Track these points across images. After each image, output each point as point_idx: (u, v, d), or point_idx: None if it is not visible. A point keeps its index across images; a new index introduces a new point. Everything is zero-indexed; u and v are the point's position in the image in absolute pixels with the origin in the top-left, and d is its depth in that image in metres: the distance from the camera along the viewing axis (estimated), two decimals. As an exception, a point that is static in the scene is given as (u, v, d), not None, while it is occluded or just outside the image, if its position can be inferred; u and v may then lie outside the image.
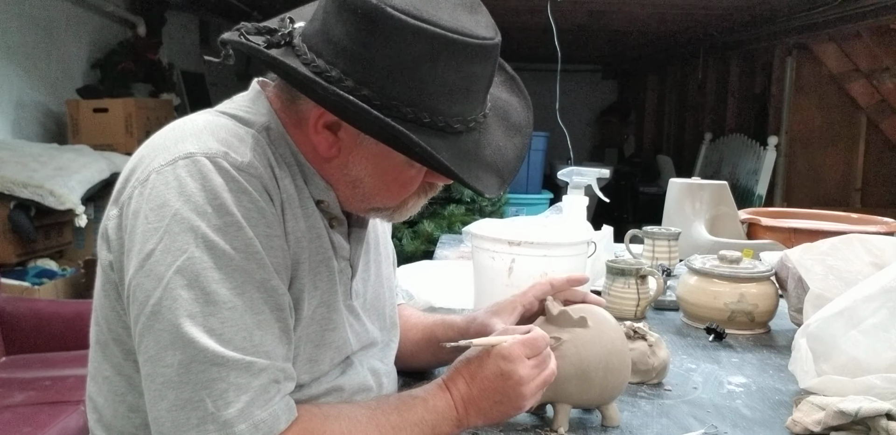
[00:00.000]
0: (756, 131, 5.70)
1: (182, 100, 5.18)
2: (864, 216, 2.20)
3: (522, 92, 0.94)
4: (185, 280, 0.75)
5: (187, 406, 0.74)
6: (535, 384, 0.90)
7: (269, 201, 0.81)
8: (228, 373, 0.74)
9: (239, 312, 0.76)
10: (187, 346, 0.74)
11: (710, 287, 1.48)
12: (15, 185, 2.92)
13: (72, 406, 2.03)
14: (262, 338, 0.77)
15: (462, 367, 0.92)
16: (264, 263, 0.78)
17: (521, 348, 0.89)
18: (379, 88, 0.76)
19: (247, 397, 0.74)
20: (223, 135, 0.81)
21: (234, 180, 0.78)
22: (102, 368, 0.89)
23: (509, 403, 0.90)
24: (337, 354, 0.91)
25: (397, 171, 0.86)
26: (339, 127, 0.83)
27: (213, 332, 0.74)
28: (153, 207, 0.77)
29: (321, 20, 0.79)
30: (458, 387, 0.90)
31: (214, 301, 0.75)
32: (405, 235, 3.67)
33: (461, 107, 0.80)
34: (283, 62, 0.77)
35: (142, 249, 0.77)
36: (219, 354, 0.74)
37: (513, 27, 5.36)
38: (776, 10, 4.53)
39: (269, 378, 0.77)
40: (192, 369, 0.74)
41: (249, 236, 0.77)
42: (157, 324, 0.75)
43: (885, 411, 0.92)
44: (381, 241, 1.08)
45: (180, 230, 0.75)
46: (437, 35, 0.75)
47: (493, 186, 0.83)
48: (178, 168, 0.77)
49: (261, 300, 0.78)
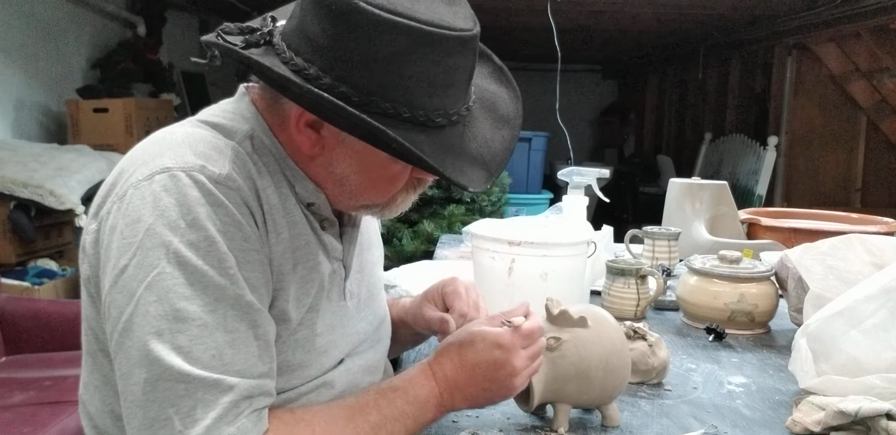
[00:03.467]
0: (756, 131, 5.70)
1: (182, 100, 5.18)
2: (864, 216, 2.20)
3: (511, 83, 0.93)
4: (154, 296, 0.74)
5: (154, 425, 0.73)
6: (526, 374, 0.91)
7: (247, 214, 0.80)
8: (196, 390, 0.73)
9: (209, 330, 0.74)
10: (153, 363, 0.73)
11: (710, 287, 1.48)
12: (15, 185, 2.92)
13: (72, 406, 2.03)
14: (233, 356, 0.75)
15: (452, 351, 0.91)
16: (238, 278, 0.77)
17: (519, 339, 0.89)
18: (357, 85, 0.76)
19: (214, 414, 0.73)
20: (201, 148, 0.81)
21: (211, 194, 0.77)
22: (93, 377, 0.89)
23: (497, 391, 0.90)
24: (327, 360, 0.91)
25: (382, 167, 0.85)
26: (321, 125, 0.83)
27: (181, 349, 0.73)
28: (128, 223, 0.76)
29: (298, 17, 0.79)
30: (444, 371, 0.89)
31: (183, 318, 0.74)
32: (405, 234, 3.66)
33: (442, 100, 0.79)
34: (258, 61, 0.76)
35: (116, 265, 0.76)
36: (185, 373, 0.72)
37: (513, 27, 5.35)
38: (776, 10, 4.54)
39: (239, 395, 0.75)
40: (158, 387, 0.73)
41: (223, 251, 0.76)
42: (128, 341, 0.74)
43: (885, 411, 0.92)
44: (374, 241, 1.08)
45: (152, 245, 0.75)
46: (412, 29, 0.74)
47: (479, 180, 0.82)
48: (154, 183, 0.77)
49: (235, 317, 0.76)
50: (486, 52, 0.92)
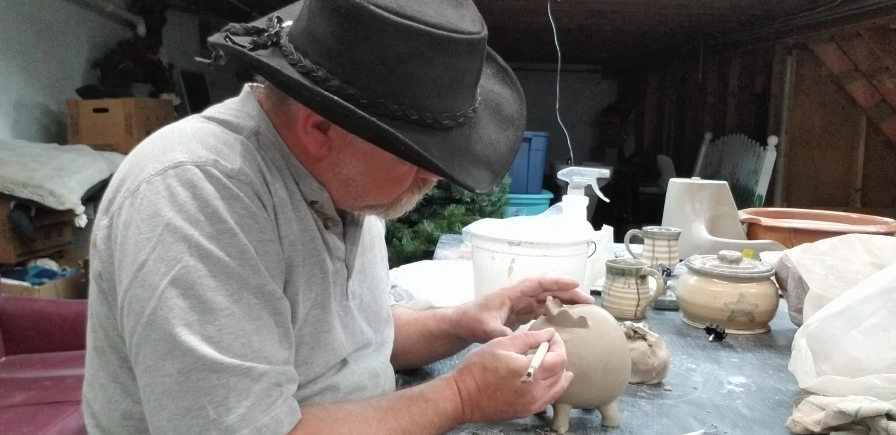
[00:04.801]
0: (756, 131, 5.70)
1: (182, 100, 5.18)
2: (864, 216, 2.20)
3: (515, 84, 0.94)
4: (180, 289, 0.74)
5: (188, 414, 0.73)
6: (544, 401, 0.93)
7: (261, 207, 0.80)
8: (228, 379, 0.74)
9: (236, 319, 0.75)
10: (185, 354, 0.73)
11: (710, 287, 1.48)
12: (15, 185, 2.92)
13: (72, 406, 2.03)
14: (261, 343, 0.77)
15: (476, 371, 0.92)
16: (259, 268, 0.78)
17: (542, 373, 0.90)
18: (365, 87, 0.76)
19: (248, 402, 0.74)
20: (212, 142, 0.81)
21: (225, 187, 0.78)
22: (98, 374, 0.89)
23: (514, 413, 0.93)
24: (332, 357, 0.91)
25: (389, 168, 0.85)
26: (329, 126, 0.83)
27: (211, 339, 0.74)
28: (145, 217, 0.77)
29: (306, 19, 0.79)
30: (469, 389, 0.91)
31: (211, 309, 0.75)
32: (405, 234, 3.66)
33: (449, 102, 0.80)
34: (268, 64, 0.77)
35: (135, 260, 0.76)
36: (217, 361, 0.74)
37: (513, 27, 5.36)
38: (776, 10, 4.54)
39: (270, 382, 0.76)
40: (191, 377, 0.73)
41: (243, 242, 0.77)
42: (154, 334, 0.75)
43: (885, 411, 0.92)
44: (377, 242, 1.08)
45: (174, 240, 0.75)
46: (421, 32, 0.74)
47: (485, 181, 0.83)
48: (168, 177, 0.77)
49: (258, 306, 0.77)
50: (490, 53, 0.92)
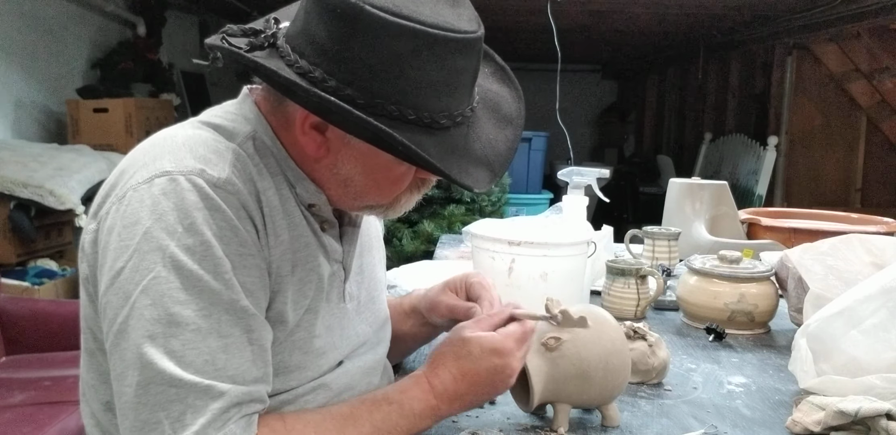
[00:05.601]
0: (756, 131, 5.70)
1: (182, 100, 5.18)
2: (864, 216, 2.20)
3: (513, 82, 0.93)
4: (149, 300, 0.74)
5: (145, 427, 0.73)
6: (519, 368, 0.92)
7: (245, 218, 0.80)
8: (187, 395, 0.73)
9: (202, 335, 0.75)
10: (145, 367, 0.73)
11: (710, 287, 1.48)
12: (15, 185, 2.92)
13: (71, 406, 2.03)
14: (226, 361, 0.75)
15: (449, 362, 0.89)
16: (233, 283, 0.77)
17: (515, 343, 0.90)
18: (362, 87, 0.76)
19: (203, 420, 0.73)
20: (202, 151, 0.81)
21: (209, 198, 0.77)
22: (90, 375, 0.89)
23: (495, 392, 0.92)
24: (326, 361, 0.91)
25: (387, 168, 0.85)
26: (326, 127, 0.83)
27: (174, 354, 0.73)
28: (126, 225, 0.77)
29: (302, 20, 0.79)
30: (444, 384, 0.89)
31: (177, 322, 0.74)
32: (405, 235, 3.66)
33: (447, 102, 0.80)
34: (264, 65, 0.76)
35: (112, 266, 0.77)
36: (177, 377, 0.73)
37: (513, 27, 5.35)
38: (776, 10, 4.54)
39: (230, 402, 0.75)
40: (150, 391, 0.73)
41: (219, 256, 0.76)
42: (123, 342, 0.75)
43: (885, 411, 0.92)
44: (375, 243, 1.08)
45: (149, 249, 0.75)
46: (417, 31, 0.74)
47: (483, 180, 0.82)
48: (153, 186, 0.77)
49: (229, 322, 0.76)
50: (488, 52, 0.92)
